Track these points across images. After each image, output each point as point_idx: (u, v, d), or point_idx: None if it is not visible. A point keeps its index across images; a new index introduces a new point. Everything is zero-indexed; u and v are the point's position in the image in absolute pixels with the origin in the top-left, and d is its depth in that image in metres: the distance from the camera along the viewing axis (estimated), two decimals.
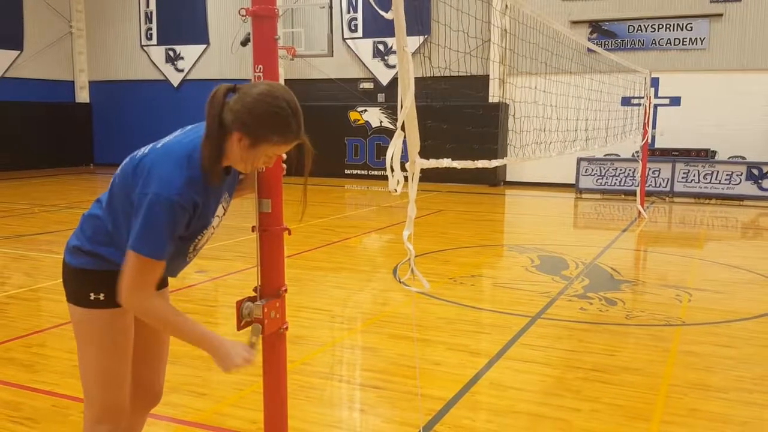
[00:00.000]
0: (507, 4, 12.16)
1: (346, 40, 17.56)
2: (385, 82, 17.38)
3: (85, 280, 2.14)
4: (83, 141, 20.43)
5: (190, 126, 2.15)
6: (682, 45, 14.88)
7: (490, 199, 14.11)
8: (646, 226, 10.36)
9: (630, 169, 13.81)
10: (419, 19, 14.93)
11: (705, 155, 13.92)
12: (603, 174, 14.21)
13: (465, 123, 13.55)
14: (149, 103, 19.50)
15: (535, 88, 7.94)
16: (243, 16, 2.16)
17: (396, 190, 2.59)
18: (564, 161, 13.04)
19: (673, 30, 14.91)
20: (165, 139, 2.12)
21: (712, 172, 13.44)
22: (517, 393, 3.85)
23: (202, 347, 2.11)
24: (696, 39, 14.76)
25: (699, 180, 13.52)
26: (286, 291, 2.30)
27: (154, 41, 19.69)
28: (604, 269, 7.14)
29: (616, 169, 14.10)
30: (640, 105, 11.67)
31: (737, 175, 13.29)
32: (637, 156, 11.93)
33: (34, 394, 3.78)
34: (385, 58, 17.31)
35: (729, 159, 14.05)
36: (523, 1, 5.30)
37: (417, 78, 2.62)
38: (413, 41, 15.01)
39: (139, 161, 2.07)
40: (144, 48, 19.87)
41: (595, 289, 6.25)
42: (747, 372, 4.22)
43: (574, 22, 15.47)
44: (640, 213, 11.07)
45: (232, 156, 2.04)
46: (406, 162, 2.70)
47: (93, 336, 2.18)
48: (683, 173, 13.62)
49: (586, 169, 14.31)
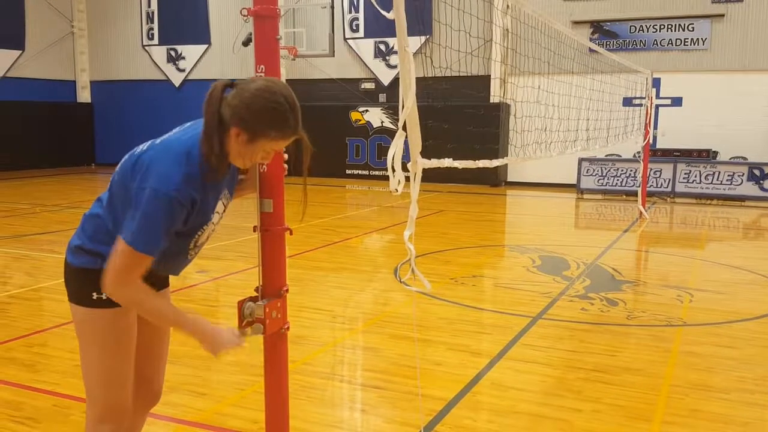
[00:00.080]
0: (508, 4, 12.16)
1: (348, 40, 17.56)
2: (386, 82, 17.38)
3: (87, 280, 2.14)
4: (85, 141, 20.44)
5: (189, 123, 2.16)
6: (684, 45, 14.87)
7: (492, 200, 14.10)
8: (648, 227, 10.35)
9: (631, 170, 13.80)
10: (420, 19, 14.92)
11: (706, 156, 13.90)
12: (604, 174, 14.20)
13: (466, 123, 13.54)
14: (151, 102, 19.51)
15: (536, 88, 7.93)
16: (245, 16, 2.17)
17: (397, 190, 2.59)
18: (565, 161, 13.03)
19: (674, 30, 14.90)
20: (164, 136, 2.13)
21: (714, 173, 13.43)
22: (518, 393, 3.85)
23: (187, 331, 2.12)
24: (698, 39, 14.75)
25: (700, 180, 13.51)
26: (287, 291, 2.30)
27: (156, 41, 19.70)
28: (605, 270, 7.14)
29: (618, 169, 14.09)
30: (641, 105, 11.66)
31: (739, 175, 13.28)
32: (639, 156, 11.92)
33: (35, 394, 3.78)
34: (387, 58, 17.31)
35: (730, 159, 14.04)
36: (524, 1, 5.30)
37: (418, 78, 2.62)
38: (414, 41, 14.92)
39: (137, 157, 2.08)
40: (145, 48, 19.88)
41: (596, 289, 6.25)
42: (748, 373, 4.22)
43: (576, 22, 15.46)
44: (641, 213, 11.06)
45: (230, 152, 2.05)
46: (407, 162, 2.70)
47: (95, 335, 2.19)
48: (684, 174, 13.61)
49: (588, 170, 14.31)
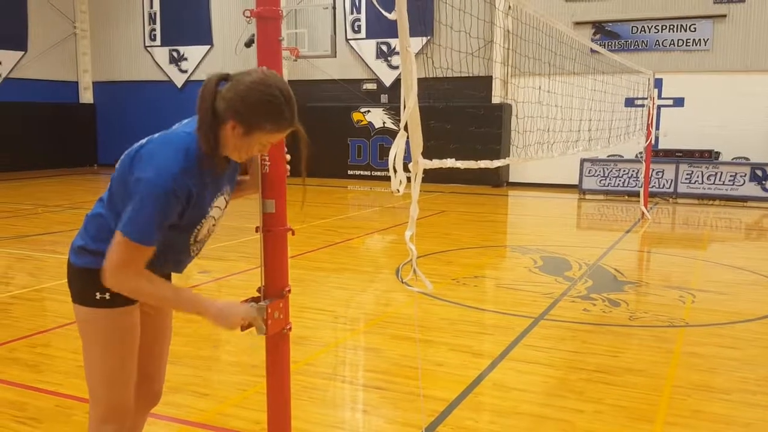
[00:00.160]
0: (510, 5, 12.16)
1: (350, 41, 17.57)
2: (388, 82, 17.38)
3: (90, 280, 2.14)
4: (87, 141, 20.47)
5: (188, 119, 2.16)
6: (686, 46, 14.86)
7: (493, 200, 14.09)
8: (650, 228, 10.34)
9: (633, 170, 13.79)
10: (422, 20, 14.93)
11: (708, 156, 13.88)
12: (606, 175, 14.20)
13: (468, 123, 13.54)
14: (153, 103, 19.53)
15: (538, 88, 7.93)
16: (247, 17, 2.17)
17: (398, 191, 2.59)
18: (567, 162, 13.03)
19: (676, 31, 14.89)
20: (163, 132, 2.14)
21: (716, 173, 13.41)
22: (520, 394, 3.85)
23: (196, 312, 2.13)
24: (700, 40, 14.73)
25: (702, 181, 13.49)
26: (289, 291, 2.30)
27: (158, 42, 19.73)
28: (607, 270, 7.13)
29: (620, 170, 14.08)
30: (643, 106, 11.65)
31: (741, 176, 13.26)
32: (641, 157, 11.92)
33: (38, 394, 3.79)
34: (388, 58, 17.31)
35: (732, 160, 14.02)
36: (526, 2, 5.30)
37: (420, 79, 2.62)
38: (416, 42, 14.99)
39: (136, 152, 2.09)
40: (148, 49, 19.90)
41: (598, 290, 6.25)
42: (751, 373, 4.21)
43: (578, 23, 15.45)
44: (643, 214, 11.05)
45: (226, 145, 2.05)
46: (408, 162, 2.70)
47: (98, 335, 2.19)
48: (687, 174, 13.60)
49: (590, 170, 14.30)
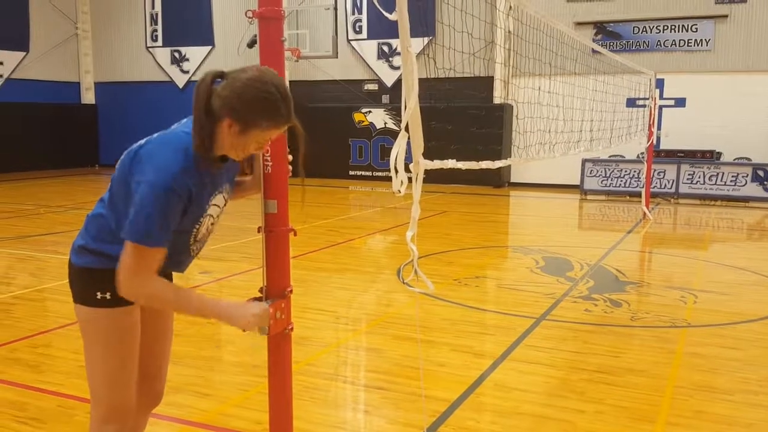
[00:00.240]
0: (511, 6, 12.15)
1: (351, 42, 17.57)
2: (389, 83, 17.38)
3: (91, 280, 2.14)
4: (88, 142, 20.49)
5: (186, 119, 2.16)
6: (687, 46, 14.85)
7: (495, 201, 14.09)
8: (651, 228, 10.33)
9: (635, 171, 13.78)
10: (423, 21, 14.92)
11: (710, 156, 13.87)
12: (608, 175, 14.19)
13: (469, 124, 13.57)
14: (154, 104, 19.53)
15: (540, 89, 7.93)
16: (249, 18, 2.17)
17: (399, 191, 2.59)
18: (569, 162, 13.01)
19: (678, 31, 14.88)
20: (162, 132, 2.14)
21: (718, 174, 13.40)
22: (522, 394, 3.85)
23: (212, 317, 2.13)
24: (701, 40, 14.72)
25: (704, 181, 13.48)
26: (291, 292, 2.30)
27: (160, 43, 19.74)
28: (609, 271, 7.13)
29: (621, 170, 14.07)
30: (645, 106, 11.64)
31: (743, 176, 13.25)
32: (642, 157, 11.91)
33: (39, 395, 3.79)
34: (390, 59, 17.32)
35: (734, 160, 14.00)
36: (527, 3, 5.30)
37: (421, 79, 2.62)
38: (417, 42, 15.02)
39: (135, 153, 2.09)
40: (149, 49, 19.92)
41: (599, 290, 6.24)
42: (752, 374, 4.21)
43: (579, 24, 15.45)
44: (645, 214, 11.05)
45: (223, 144, 2.04)
46: (410, 163, 2.70)
47: (99, 335, 2.19)
48: (688, 174, 13.59)
49: (591, 171, 14.29)
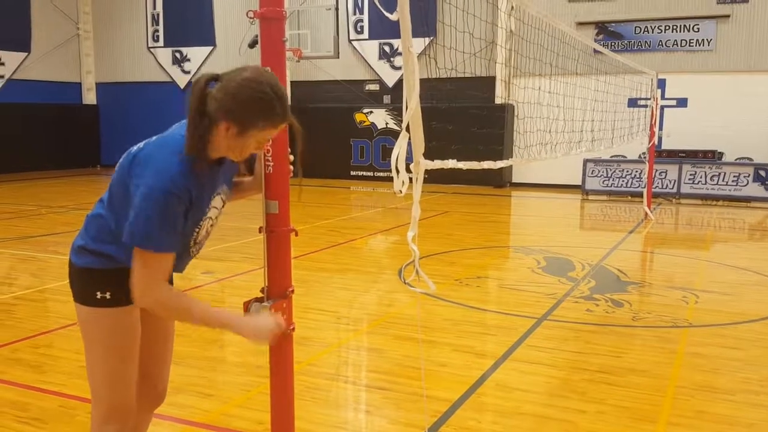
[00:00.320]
0: (513, 6, 12.16)
1: (352, 42, 17.57)
2: (390, 83, 17.38)
3: (91, 280, 2.15)
4: (90, 142, 20.49)
5: (184, 121, 2.16)
6: (689, 46, 14.83)
7: (496, 201, 14.09)
8: (653, 228, 10.32)
9: (636, 171, 13.77)
10: (425, 21, 14.92)
11: (712, 157, 13.86)
12: (609, 175, 14.18)
13: (470, 124, 13.55)
14: (156, 104, 19.54)
15: (541, 89, 7.93)
16: (251, 18, 2.17)
17: (401, 192, 2.59)
18: (570, 163, 13.01)
19: (679, 31, 14.87)
20: (161, 134, 2.14)
21: (719, 174, 13.38)
22: (523, 394, 3.85)
23: (226, 329, 2.13)
24: (703, 40, 14.71)
25: (706, 181, 13.47)
26: (292, 292, 2.31)
27: (161, 43, 19.75)
28: (610, 271, 7.12)
29: (623, 170, 14.07)
30: (646, 106, 11.64)
31: (744, 176, 13.24)
32: (644, 157, 11.90)
33: (41, 395, 3.80)
34: (391, 59, 17.31)
35: (736, 160, 13.98)
36: (528, 3, 5.29)
37: (422, 79, 2.62)
38: (419, 42, 15.02)
39: (134, 156, 2.09)
40: (151, 50, 19.93)
41: (601, 290, 6.24)
42: (754, 374, 4.21)
43: (581, 24, 15.44)
44: (646, 214, 11.04)
45: (219, 146, 2.04)
46: (411, 163, 2.70)
47: (100, 335, 2.20)
48: (690, 175, 13.58)
49: (593, 171, 14.28)
